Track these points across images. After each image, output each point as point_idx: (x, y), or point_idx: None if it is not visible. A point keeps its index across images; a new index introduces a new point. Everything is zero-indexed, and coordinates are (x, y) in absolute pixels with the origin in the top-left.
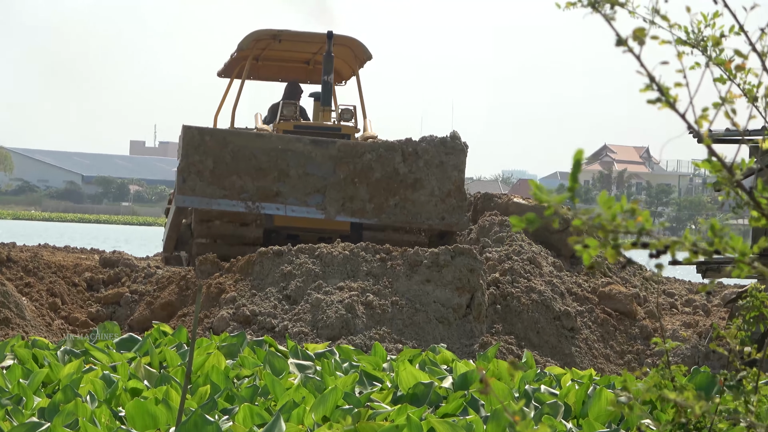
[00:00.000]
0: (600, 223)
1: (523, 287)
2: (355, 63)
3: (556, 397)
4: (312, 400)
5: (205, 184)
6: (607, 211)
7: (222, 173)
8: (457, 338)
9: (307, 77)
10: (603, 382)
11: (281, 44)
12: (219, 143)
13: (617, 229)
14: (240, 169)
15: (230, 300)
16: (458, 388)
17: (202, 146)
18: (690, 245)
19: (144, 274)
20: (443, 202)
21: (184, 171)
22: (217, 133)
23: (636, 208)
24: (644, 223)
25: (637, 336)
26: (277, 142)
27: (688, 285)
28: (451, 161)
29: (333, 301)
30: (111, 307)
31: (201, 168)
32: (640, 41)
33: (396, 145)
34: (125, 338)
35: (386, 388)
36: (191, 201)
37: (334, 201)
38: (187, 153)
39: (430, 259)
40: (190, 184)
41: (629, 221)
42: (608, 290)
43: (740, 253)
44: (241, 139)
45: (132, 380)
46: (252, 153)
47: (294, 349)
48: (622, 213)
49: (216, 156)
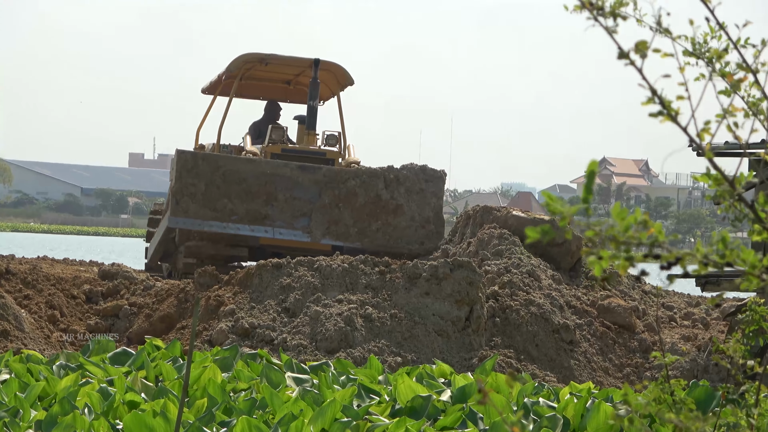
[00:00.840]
0: (612, 235)
1: (522, 300)
2: (336, 87)
3: (555, 410)
4: (310, 412)
5: (197, 206)
6: (620, 223)
7: (213, 196)
8: (456, 351)
9: (287, 96)
10: (601, 395)
11: (267, 66)
12: (211, 167)
13: (630, 241)
14: (230, 192)
15: (229, 312)
16: (456, 401)
17: (195, 169)
18: (701, 257)
19: (143, 287)
20: (423, 228)
21: (178, 193)
22: (209, 158)
23: (648, 220)
24: (657, 235)
25: (636, 349)
26: (265, 167)
27: (687, 298)
28: (431, 188)
29: (332, 314)
30: (110, 320)
31: (194, 190)
32: (642, 54)
33: (378, 171)
34: (119, 352)
35: (384, 401)
36: (184, 222)
37: (319, 224)
38: (181, 176)
39: (429, 272)
40: (183, 206)
41: (642, 233)
42: (607, 303)
43: (751, 265)
44: (232, 164)
45: (129, 393)
46: (242, 177)
47: (289, 363)
48: (635, 225)
49: (208, 179)
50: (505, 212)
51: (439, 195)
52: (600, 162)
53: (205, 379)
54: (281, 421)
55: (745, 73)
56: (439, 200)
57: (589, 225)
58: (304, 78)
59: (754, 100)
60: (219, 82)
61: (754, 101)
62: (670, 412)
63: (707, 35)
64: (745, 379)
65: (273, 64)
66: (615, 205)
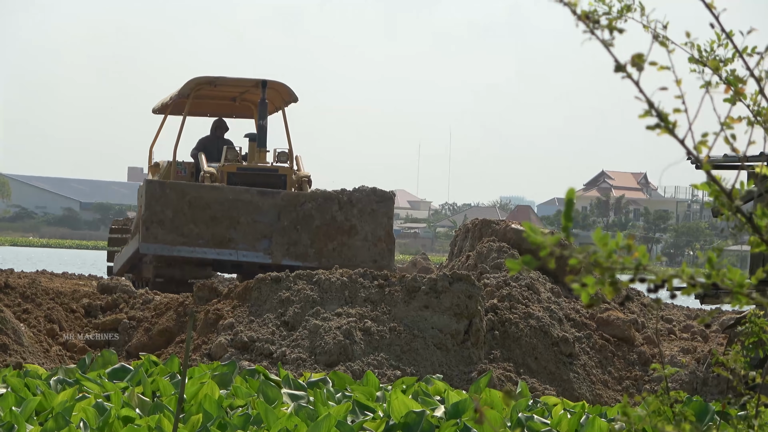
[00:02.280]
0: (596, 261)
1: (521, 313)
2: (281, 103)
3: (548, 426)
4: (305, 428)
5: (165, 231)
6: (603, 248)
7: (180, 222)
8: (456, 364)
9: (233, 112)
10: (595, 411)
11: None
12: (178, 195)
13: (614, 266)
14: (197, 218)
15: (228, 326)
16: (450, 417)
17: (163, 198)
18: (687, 278)
19: (142, 300)
20: (375, 246)
21: (147, 221)
22: (176, 186)
23: (632, 244)
24: (641, 259)
25: (635, 362)
26: (228, 193)
27: (686, 311)
28: (382, 209)
29: (331, 327)
30: (109, 334)
31: (162, 218)
32: (639, 67)
33: (333, 194)
34: (117, 368)
35: (378, 417)
36: (154, 248)
37: (279, 246)
38: (150, 204)
39: (428, 285)
40: (153, 232)
41: (626, 258)
42: (606, 316)
43: (738, 285)
44: (197, 191)
45: (125, 408)
46: (207, 203)
47: (287, 378)
48: (618, 249)
49: (175, 206)
50: (504, 225)
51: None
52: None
53: (202, 394)
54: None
55: (752, 79)
56: (390, 220)
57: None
58: (249, 95)
59: (760, 109)
60: (170, 103)
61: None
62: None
63: (713, 42)
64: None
65: (221, 85)
66: (597, 230)
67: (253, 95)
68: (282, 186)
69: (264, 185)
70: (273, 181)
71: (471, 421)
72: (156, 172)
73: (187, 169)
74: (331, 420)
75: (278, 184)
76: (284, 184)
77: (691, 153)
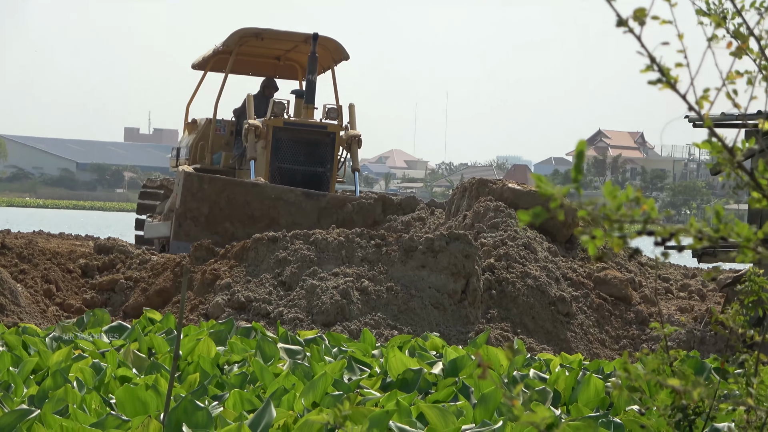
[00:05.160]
0: (605, 214)
1: (518, 273)
2: (330, 62)
3: (545, 383)
4: (302, 386)
5: (199, 229)
6: (612, 201)
7: (216, 219)
8: (453, 324)
9: (276, 72)
10: (592, 367)
11: (261, 41)
12: (216, 191)
13: (623, 219)
14: (234, 215)
15: (225, 286)
16: (448, 375)
17: (200, 193)
18: (695, 232)
19: (139, 261)
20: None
21: (181, 216)
22: (215, 181)
23: (641, 197)
24: (649, 212)
25: (632, 321)
26: (270, 191)
27: (683, 270)
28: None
29: (328, 287)
30: (106, 294)
31: (197, 214)
32: (641, 21)
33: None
34: (114, 326)
35: (375, 374)
36: (185, 247)
37: None
38: (185, 199)
39: (425, 245)
40: (186, 229)
41: (635, 210)
42: (603, 275)
43: (745, 238)
44: (236, 188)
45: (121, 368)
46: (246, 201)
47: (284, 335)
48: (627, 202)
49: (212, 203)
50: (500, 185)
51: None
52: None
53: (198, 352)
54: (273, 395)
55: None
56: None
57: (581, 205)
58: (295, 54)
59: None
60: (212, 57)
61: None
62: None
63: None
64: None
65: (268, 38)
66: (606, 183)
67: (298, 53)
68: (331, 144)
69: (311, 143)
70: (320, 139)
71: (470, 378)
72: (193, 129)
73: (227, 127)
74: (327, 378)
75: (326, 142)
76: (332, 143)
77: (692, 108)
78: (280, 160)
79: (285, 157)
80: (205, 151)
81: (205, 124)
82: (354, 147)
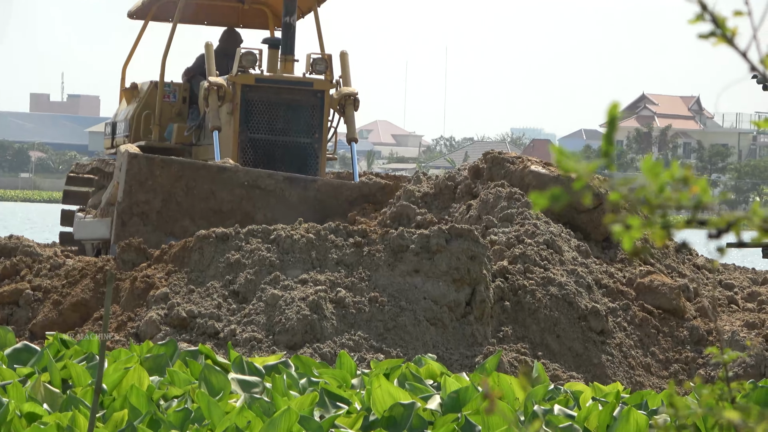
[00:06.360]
0: (644, 197)
1: (539, 279)
2: (311, 1)
3: (573, 420)
4: (260, 425)
5: (149, 229)
6: (652, 181)
7: (172, 216)
8: (455, 346)
9: (240, 21)
10: (634, 400)
11: None
12: (171, 177)
13: (666, 204)
14: (194, 210)
15: (161, 297)
16: (448, 410)
17: (150, 181)
18: (760, 221)
19: (50, 266)
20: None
21: (125, 212)
22: (170, 165)
23: (690, 176)
24: (701, 195)
25: (685, 340)
26: (242, 176)
27: (751, 274)
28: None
29: (294, 299)
30: (8, 308)
31: (146, 209)
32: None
33: (385, 186)
34: (19, 348)
35: (354, 410)
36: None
37: None
38: (131, 190)
39: (418, 244)
40: (131, 229)
41: (681, 193)
42: (649, 282)
43: None
44: (198, 173)
45: (29, 402)
46: (210, 190)
47: (239, 362)
48: (673, 183)
49: (166, 194)
50: (521, 166)
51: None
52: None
53: (128, 384)
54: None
55: None
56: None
57: (613, 185)
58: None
59: None
60: (155, 1)
61: None
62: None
63: None
64: None
65: None
66: (646, 157)
67: None
68: (319, 106)
69: (292, 106)
70: (304, 99)
71: (476, 415)
72: (133, 97)
73: (178, 92)
74: (291, 415)
75: (312, 103)
76: (321, 105)
77: (755, 68)
78: (252, 130)
79: (258, 125)
80: (151, 124)
81: (149, 89)
82: (349, 109)
